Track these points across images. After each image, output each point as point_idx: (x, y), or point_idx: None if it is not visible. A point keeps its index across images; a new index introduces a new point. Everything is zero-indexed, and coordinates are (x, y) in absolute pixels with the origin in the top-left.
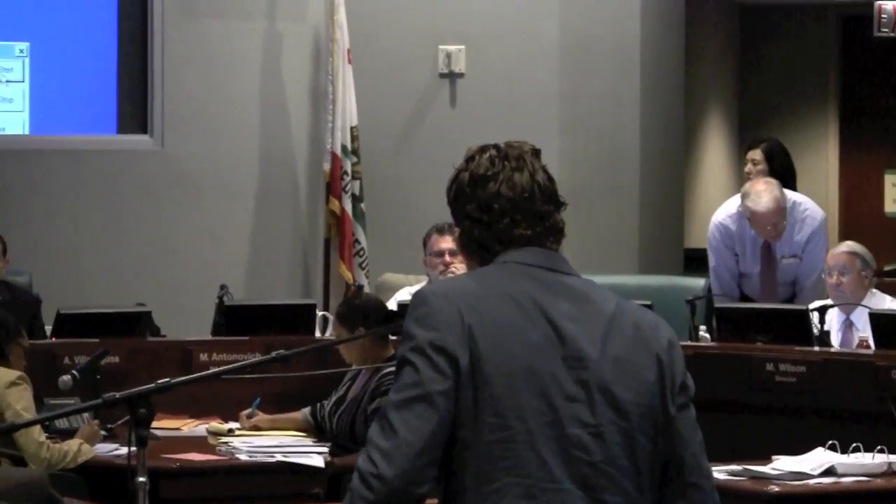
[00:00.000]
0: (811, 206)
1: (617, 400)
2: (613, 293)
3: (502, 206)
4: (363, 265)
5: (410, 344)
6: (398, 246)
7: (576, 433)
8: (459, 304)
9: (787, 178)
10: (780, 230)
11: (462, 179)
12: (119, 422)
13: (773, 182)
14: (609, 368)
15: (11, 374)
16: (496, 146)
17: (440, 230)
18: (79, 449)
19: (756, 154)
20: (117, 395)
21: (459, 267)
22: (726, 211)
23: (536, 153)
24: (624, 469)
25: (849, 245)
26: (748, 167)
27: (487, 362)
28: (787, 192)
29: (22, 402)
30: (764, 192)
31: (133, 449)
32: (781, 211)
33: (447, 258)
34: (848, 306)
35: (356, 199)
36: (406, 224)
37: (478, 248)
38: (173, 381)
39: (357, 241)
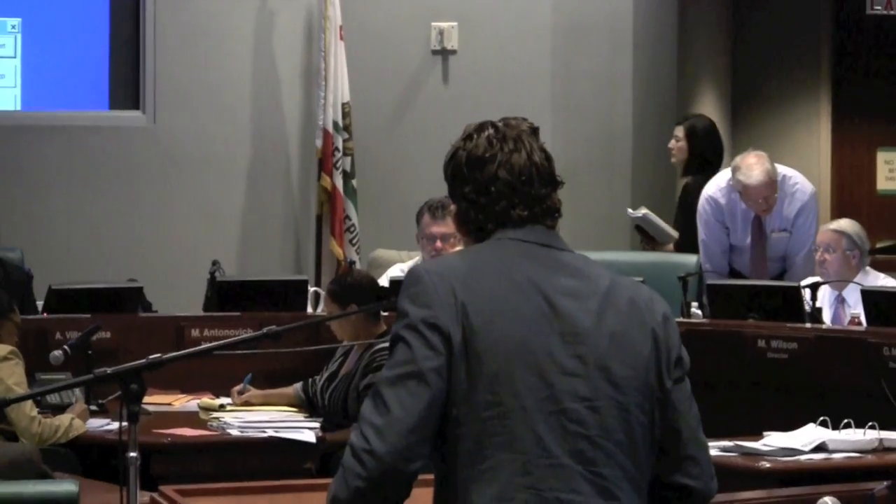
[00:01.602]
0: (801, 179)
1: (613, 374)
2: (608, 269)
3: (499, 189)
4: (354, 241)
5: (404, 321)
6: (390, 222)
7: (572, 407)
8: (453, 282)
9: (704, 159)
10: (771, 203)
11: (459, 159)
12: (110, 397)
13: (764, 155)
14: (605, 343)
15: (3, 348)
16: (494, 125)
17: (432, 211)
18: (70, 424)
19: (679, 131)
20: (109, 370)
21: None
22: (716, 184)
23: (534, 132)
24: (620, 443)
25: (838, 223)
26: (671, 143)
27: (481, 339)
28: (778, 166)
29: (13, 378)
30: (755, 165)
31: (124, 424)
32: (772, 184)
33: (438, 244)
34: (840, 283)
35: (347, 176)
36: (398, 200)
37: (474, 228)
38: (165, 356)
39: (348, 217)
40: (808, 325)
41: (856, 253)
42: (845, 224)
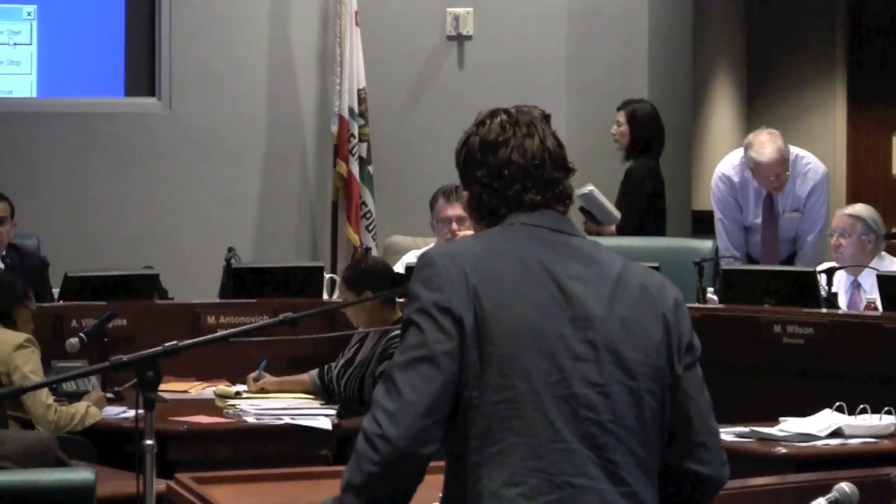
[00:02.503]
0: (813, 160)
1: (624, 360)
2: (619, 255)
3: (513, 173)
4: (370, 228)
5: (415, 305)
6: (406, 208)
7: (583, 392)
8: (465, 266)
9: (646, 143)
10: (783, 181)
11: (472, 144)
12: (126, 385)
13: (776, 133)
14: (616, 328)
15: (19, 336)
16: (506, 111)
17: (447, 195)
18: (86, 411)
19: (620, 116)
20: (125, 357)
21: (466, 234)
22: (730, 162)
23: (546, 118)
24: (631, 428)
25: (854, 208)
26: (613, 128)
27: (493, 323)
28: (790, 146)
29: (29, 365)
30: (767, 142)
31: (141, 412)
32: (784, 162)
33: (454, 226)
34: (856, 268)
35: (363, 162)
36: (413, 187)
37: (486, 213)
38: (181, 343)
39: (364, 203)
40: (823, 310)
41: (871, 237)
42: (860, 209)
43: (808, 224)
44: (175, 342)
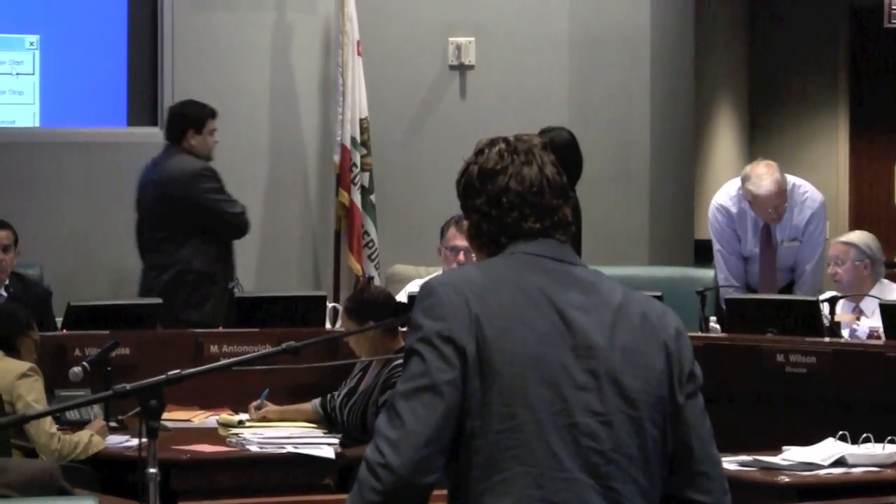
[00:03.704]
0: (810, 188)
1: (626, 389)
2: (620, 284)
3: (511, 201)
4: (372, 257)
5: (418, 334)
6: (408, 238)
7: (585, 422)
8: (467, 294)
9: (565, 171)
10: (781, 213)
11: (471, 173)
12: (130, 413)
13: (774, 165)
14: (618, 357)
15: (22, 365)
16: (505, 139)
17: (459, 223)
18: (90, 440)
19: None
20: (128, 386)
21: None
22: (727, 193)
23: (545, 147)
24: (633, 457)
25: (848, 235)
26: None
27: (495, 352)
28: (787, 175)
29: (33, 394)
30: (765, 175)
31: (144, 440)
32: (782, 194)
33: (461, 256)
34: (856, 296)
35: (365, 191)
36: (416, 216)
37: (487, 242)
38: (184, 372)
39: (366, 232)
40: (826, 339)
41: (866, 262)
42: (853, 235)
43: (806, 252)
44: (178, 371)
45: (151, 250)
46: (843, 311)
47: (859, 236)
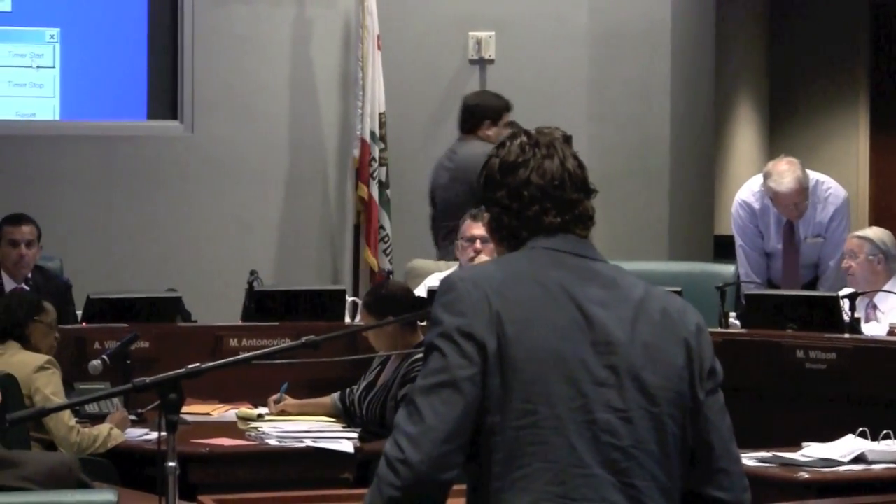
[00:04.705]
0: (834, 185)
1: (646, 385)
2: (641, 279)
3: (532, 194)
4: (388, 252)
5: (438, 330)
6: (424, 232)
7: (605, 418)
8: (487, 290)
9: None
10: (803, 210)
11: (492, 166)
12: (149, 407)
13: (796, 161)
14: (638, 353)
15: (39, 358)
16: (527, 132)
17: (474, 216)
18: (109, 433)
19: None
20: (147, 379)
21: (489, 255)
22: (749, 189)
23: (567, 140)
24: (653, 454)
25: (863, 230)
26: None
27: (515, 348)
28: (809, 171)
29: (50, 387)
30: (787, 172)
31: (163, 434)
32: (804, 191)
33: (478, 245)
34: (873, 291)
35: (382, 186)
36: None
37: (507, 235)
38: (203, 366)
39: (382, 227)
40: (846, 335)
41: (879, 257)
42: (868, 231)
43: (830, 249)
44: (197, 364)
45: (444, 238)
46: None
47: (875, 231)
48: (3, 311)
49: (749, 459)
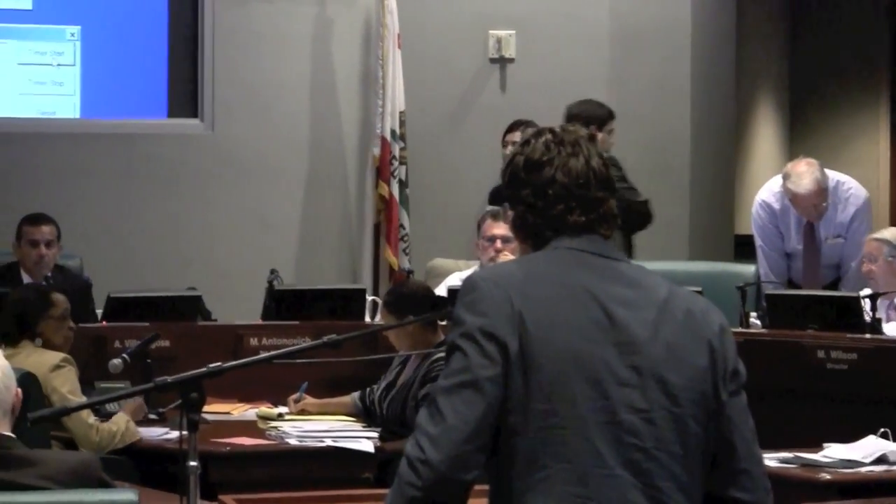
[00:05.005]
0: (854, 185)
1: (669, 385)
2: (665, 279)
3: (557, 192)
4: (407, 251)
5: (460, 330)
6: (445, 231)
7: (628, 418)
8: (509, 290)
9: None
10: (822, 211)
11: (517, 163)
12: (170, 406)
13: (815, 163)
14: (661, 354)
15: (55, 356)
16: (552, 130)
17: (494, 215)
18: (126, 427)
19: (514, 136)
20: (170, 378)
21: (509, 255)
22: (770, 189)
23: (592, 139)
24: (675, 455)
25: (881, 232)
26: (508, 148)
27: (537, 348)
28: (830, 172)
29: (67, 386)
30: (805, 173)
31: (184, 433)
32: (822, 192)
33: (498, 244)
34: (892, 292)
35: (402, 185)
36: (454, 209)
37: (531, 234)
38: (224, 365)
39: (402, 226)
40: (867, 335)
41: None
42: (886, 232)
43: (851, 249)
44: (218, 363)
45: None
46: (878, 305)
47: (891, 232)
48: (12, 312)
49: (770, 460)
